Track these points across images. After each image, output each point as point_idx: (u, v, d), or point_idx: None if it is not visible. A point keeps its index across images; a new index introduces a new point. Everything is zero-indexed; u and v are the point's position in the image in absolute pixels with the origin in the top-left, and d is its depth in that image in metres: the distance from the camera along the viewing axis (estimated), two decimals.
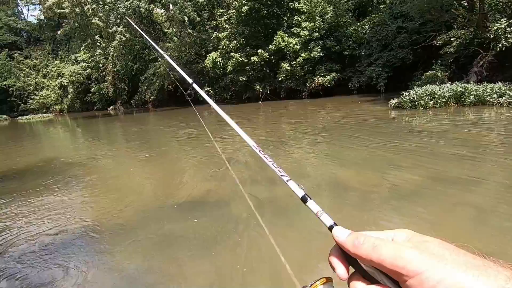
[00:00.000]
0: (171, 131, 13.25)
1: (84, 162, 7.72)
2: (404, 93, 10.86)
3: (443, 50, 16.73)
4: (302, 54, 22.11)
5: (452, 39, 15.99)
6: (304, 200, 0.60)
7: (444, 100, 9.89)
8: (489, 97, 9.40)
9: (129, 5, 27.85)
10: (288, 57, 23.48)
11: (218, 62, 25.50)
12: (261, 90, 24.82)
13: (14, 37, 52.66)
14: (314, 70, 22.66)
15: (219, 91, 30.15)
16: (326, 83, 21.81)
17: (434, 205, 3.49)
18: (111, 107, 40.32)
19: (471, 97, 9.62)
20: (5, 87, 46.41)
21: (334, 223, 0.48)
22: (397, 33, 20.41)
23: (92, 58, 41.01)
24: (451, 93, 9.85)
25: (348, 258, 0.42)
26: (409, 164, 4.93)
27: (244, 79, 24.51)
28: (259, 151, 0.82)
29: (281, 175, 0.71)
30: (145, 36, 2.45)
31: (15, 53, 50.06)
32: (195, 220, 3.62)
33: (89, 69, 42.53)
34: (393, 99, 11.17)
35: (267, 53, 23.19)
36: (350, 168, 4.97)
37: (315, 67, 22.64)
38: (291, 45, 22.47)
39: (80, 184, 5.88)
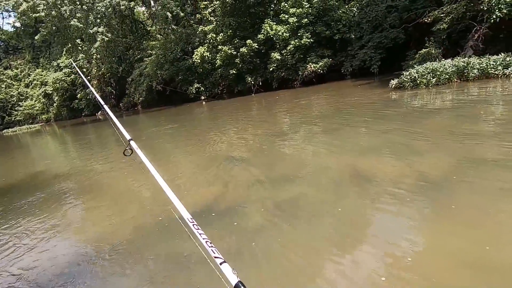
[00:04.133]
0: (158, 131, 12.67)
1: (74, 174, 7.17)
2: (405, 73, 10.47)
3: (435, 27, 16.36)
4: (292, 42, 21.53)
5: (443, 15, 15.61)
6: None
7: (447, 76, 9.54)
8: (493, 69, 9.08)
9: (108, 4, 26.67)
10: (278, 46, 22.86)
11: (207, 57, 24.76)
12: (252, 82, 24.22)
13: None
14: (305, 57, 22.12)
15: (210, 87, 29.42)
16: (319, 70, 21.33)
17: (477, 192, 3.10)
18: (100, 112, 39.20)
19: (475, 71, 9.28)
20: None
21: None
22: (387, 13, 19.94)
23: (76, 63, 39.66)
24: (454, 69, 9.49)
25: None
26: (430, 147, 4.54)
27: (234, 72, 23.86)
28: (193, 225, 0.81)
29: (215, 256, 0.67)
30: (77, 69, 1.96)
31: None
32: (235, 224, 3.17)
33: (73, 75, 41.14)
34: (393, 80, 10.78)
35: (256, 44, 22.54)
36: (367, 156, 4.56)
37: (306, 54, 22.10)
38: (280, 33, 21.85)
39: (75, 198, 5.36)
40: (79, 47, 34.20)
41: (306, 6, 21.30)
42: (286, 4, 21.92)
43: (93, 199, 5.00)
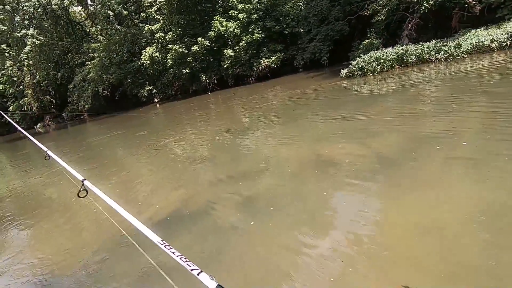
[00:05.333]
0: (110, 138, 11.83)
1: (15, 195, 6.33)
2: (353, 62, 11.09)
3: (374, 19, 17.61)
4: (244, 38, 21.53)
5: (380, 7, 16.86)
6: None
7: (390, 64, 10.33)
8: (427, 55, 10.05)
9: (37, 3, 23.93)
10: (230, 42, 22.70)
11: (156, 57, 23.64)
12: (207, 81, 23.77)
13: None
14: (258, 52, 22.30)
15: (162, 88, 28.22)
16: (273, 64, 21.67)
17: (429, 164, 3.39)
18: (39, 124, 35.31)
19: (413, 57, 10.19)
20: None
21: None
22: (331, 6, 20.91)
23: (3, 72, 35.07)
24: (395, 56, 10.31)
25: None
26: (383, 129, 4.86)
27: (187, 71, 23.16)
28: (165, 246, 0.89)
29: (192, 269, 0.72)
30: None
31: None
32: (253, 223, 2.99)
33: (1, 85, 36.37)
34: (343, 69, 11.36)
35: (207, 41, 22.11)
36: (327, 143, 4.73)
37: (259, 49, 22.29)
38: (230, 29, 21.70)
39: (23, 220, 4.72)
40: (5, 53, 30.31)
41: (255, 2, 21.43)
42: (234, 0, 21.81)
43: (42, 220, 4.45)
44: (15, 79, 34.26)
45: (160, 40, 23.35)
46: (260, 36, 21.28)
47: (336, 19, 20.93)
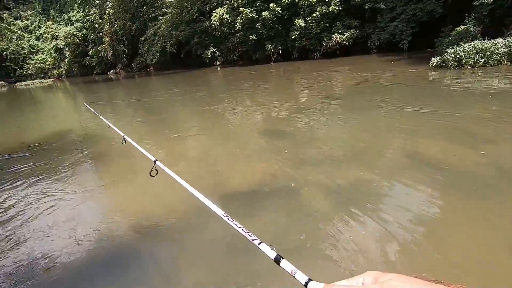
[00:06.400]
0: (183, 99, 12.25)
1: (98, 134, 6.96)
2: (449, 51, 9.63)
3: (477, 1, 14.99)
4: (319, 9, 20.12)
5: None
6: (277, 260, 0.64)
7: (498, 58, 8.74)
8: None
9: None
10: (303, 12, 21.45)
11: (225, 19, 23.44)
12: (272, 50, 23.12)
13: None
14: (331, 26, 20.81)
15: (225, 52, 28.33)
16: (344, 41, 20.11)
17: None
18: (112, 71, 38.51)
19: None
20: None
21: (309, 279, 0.54)
22: None
23: (87, 17, 38.26)
24: (506, 50, 8.66)
25: None
26: (494, 135, 4.12)
27: (254, 37, 22.69)
28: (228, 218, 0.89)
29: (252, 239, 0.74)
30: None
31: (4, 13, 46.77)
32: None
33: (84, 30, 39.92)
34: (434, 57, 9.97)
35: (279, 8, 21.14)
36: (428, 141, 4.17)
37: (332, 23, 20.76)
38: None
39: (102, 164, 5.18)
40: (92, 0, 32.77)
41: None
42: None
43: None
44: (96, 25, 37.21)
45: (232, 2, 22.96)
46: (337, 8, 19.68)
47: None
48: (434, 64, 9.77)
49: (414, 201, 2.83)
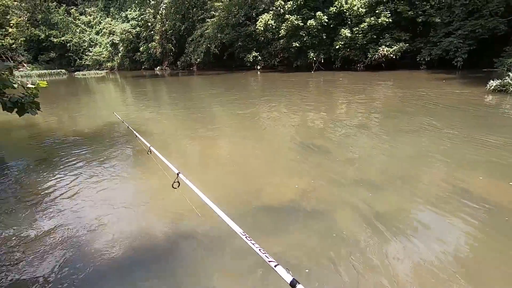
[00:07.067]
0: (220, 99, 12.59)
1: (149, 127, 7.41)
2: (510, 74, 8.80)
3: None
4: (367, 20, 19.54)
5: None
6: (293, 285, 0.64)
7: None
8: None
9: None
10: (350, 22, 20.99)
11: (271, 25, 23.69)
12: (314, 58, 22.88)
13: None
14: (378, 38, 20.10)
15: (267, 57, 28.63)
16: (391, 55, 19.29)
17: None
18: (158, 67, 40.78)
19: None
20: (63, 42, 48.83)
21: None
22: None
23: (142, 16, 40.96)
24: None
25: None
26: None
27: (297, 44, 22.65)
28: (246, 237, 0.99)
29: (269, 261, 0.77)
30: None
31: (72, 8, 51.84)
32: None
33: (138, 28, 42.76)
34: (493, 80, 9.16)
35: (326, 17, 20.89)
36: (483, 175, 3.86)
37: (380, 35, 20.04)
38: (354, 8, 19.90)
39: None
40: (147, 1, 35.04)
41: None
42: None
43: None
44: (149, 24, 39.70)
45: (278, 8, 23.15)
46: (387, 20, 18.96)
47: (492, 13, 16.93)
48: (492, 87, 8.97)
49: (454, 236, 2.65)
